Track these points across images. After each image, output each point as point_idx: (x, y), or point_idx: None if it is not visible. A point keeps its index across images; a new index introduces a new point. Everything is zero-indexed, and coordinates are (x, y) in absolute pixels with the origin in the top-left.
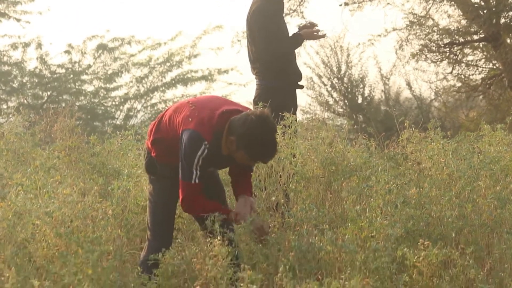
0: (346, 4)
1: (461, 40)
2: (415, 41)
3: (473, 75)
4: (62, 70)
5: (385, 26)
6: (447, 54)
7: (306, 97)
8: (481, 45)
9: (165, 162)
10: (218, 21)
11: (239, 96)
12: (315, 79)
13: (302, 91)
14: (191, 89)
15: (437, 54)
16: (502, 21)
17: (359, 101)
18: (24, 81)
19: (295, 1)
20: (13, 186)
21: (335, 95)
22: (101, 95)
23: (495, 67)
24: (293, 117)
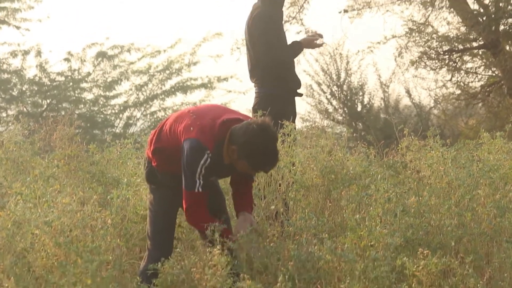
0: (345, 11)
1: (461, 47)
2: (414, 48)
3: (472, 82)
4: (61, 78)
5: (385, 33)
6: (447, 61)
7: (305, 105)
8: (480, 52)
9: (166, 171)
10: (217, 28)
11: (239, 104)
12: (314, 86)
13: (301, 99)
14: (191, 97)
15: (437, 61)
16: (501, 28)
17: (359, 108)
18: (23, 89)
19: (295, 8)
20: (12, 195)
21: (334, 102)
22: (101, 103)
23: (494, 74)
24: (292, 125)
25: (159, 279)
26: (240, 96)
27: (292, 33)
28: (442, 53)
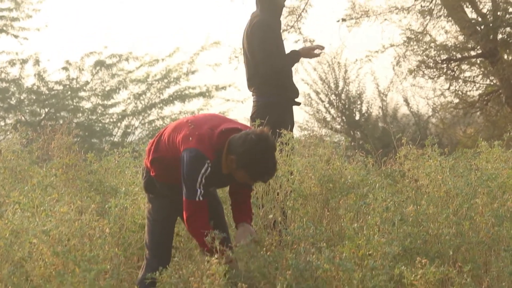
0: (343, 20)
1: (459, 56)
2: (412, 57)
3: (470, 91)
4: (59, 86)
5: (383, 42)
6: (445, 70)
7: (303, 114)
8: (478, 61)
9: (165, 181)
10: (215, 37)
11: (237, 112)
12: (312, 95)
13: (299, 108)
14: (189, 105)
15: (435, 70)
16: (499, 37)
17: (357, 117)
18: (21, 98)
19: (293, 17)
20: (10, 204)
21: (332, 111)
22: (99, 112)
23: (492, 83)
24: (290, 134)
25: None
26: (238, 105)
27: (290, 42)
28: (440, 62)
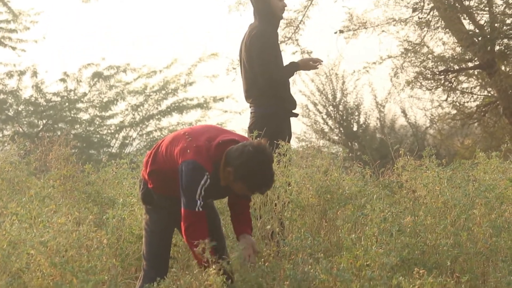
0: (341, 31)
1: (456, 67)
2: (410, 69)
3: (468, 102)
4: (57, 98)
5: (380, 53)
6: (442, 81)
7: (301, 125)
8: (476, 73)
9: (162, 193)
10: (213, 48)
11: (235, 123)
12: (310, 106)
13: (297, 119)
14: (187, 117)
15: (432, 81)
16: (496, 48)
17: (355, 128)
18: (19, 109)
19: (290, 28)
20: (7, 215)
21: (330, 122)
22: (97, 123)
23: (490, 94)
24: (288, 145)
25: None
26: (236, 116)
27: (288, 54)
28: (437, 73)
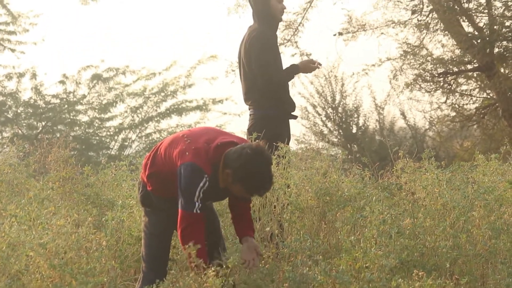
0: (340, 34)
1: (455, 69)
2: (409, 71)
3: (467, 104)
4: (56, 100)
5: (379, 56)
6: (441, 83)
7: (300, 127)
8: (475, 75)
9: (161, 195)
10: (212, 51)
11: (234, 126)
12: (309, 109)
13: (296, 121)
14: (186, 119)
15: (431, 83)
16: (495, 50)
17: (354, 130)
18: (18, 111)
19: (289, 31)
20: (7, 217)
21: (329, 124)
22: (96, 125)
23: (489, 96)
24: (287, 147)
25: None
26: (235, 118)
27: (287, 56)
28: (437, 75)
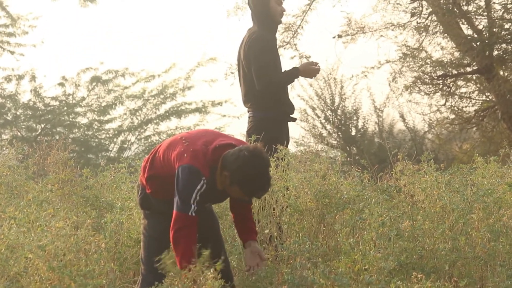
0: (339, 36)
1: (454, 72)
2: (408, 73)
3: (466, 107)
4: (56, 102)
5: (379, 58)
6: (441, 86)
7: (299, 129)
8: (474, 77)
9: (160, 197)
10: (211, 53)
11: (233, 128)
12: (308, 111)
13: (295, 123)
14: (185, 121)
15: (431, 86)
16: (495, 53)
17: (353, 133)
18: (17, 113)
19: (289, 33)
20: (5, 219)
21: (328, 127)
22: (95, 127)
23: (488, 99)
24: (286, 149)
25: None
26: (234, 120)
27: (286, 58)
28: (436, 78)
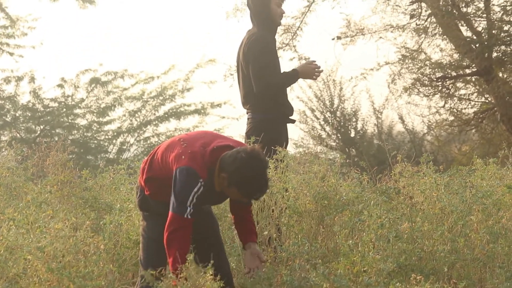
0: (338, 38)
1: (454, 74)
2: (407, 75)
3: (465, 109)
4: (55, 104)
5: (378, 60)
6: (440, 88)
7: (298, 131)
8: (473, 79)
9: (159, 199)
10: (210, 54)
11: (232, 129)
12: (307, 112)
13: (295, 125)
14: (184, 122)
15: (430, 88)
16: (494, 55)
17: (352, 135)
18: (17, 115)
19: (288, 35)
20: (4, 221)
21: (327, 128)
22: (94, 129)
23: (487, 101)
24: (285, 151)
25: None
26: (233, 122)
27: (285, 60)
28: (435, 79)
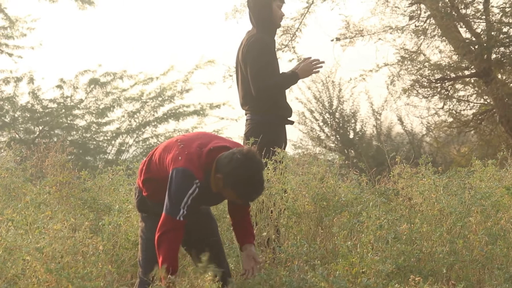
0: (337, 39)
1: (453, 75)
2: (406, 76)
3: (464, 110)
4: (54, 104)
5: (377, 61)
6: (439, 89)
7: (297, 132)
8: (472, 81)
9: (157, 201)
10: (209, 56)
11: (231, 130)
12: (306, 114)
13: (294, 126)
14: (183, 123)
15: (429, 89)
16: (493, 56)
17: (351, 136)
18: (16, 115)
19: (287, 36)
20: (3, 221)
21: (326, 130)
22: (93, 129)
23: (486, 102)
24: (284, 152)
25: None
26: (232, 123)
27: (284, 61)
28: (434, 81)
